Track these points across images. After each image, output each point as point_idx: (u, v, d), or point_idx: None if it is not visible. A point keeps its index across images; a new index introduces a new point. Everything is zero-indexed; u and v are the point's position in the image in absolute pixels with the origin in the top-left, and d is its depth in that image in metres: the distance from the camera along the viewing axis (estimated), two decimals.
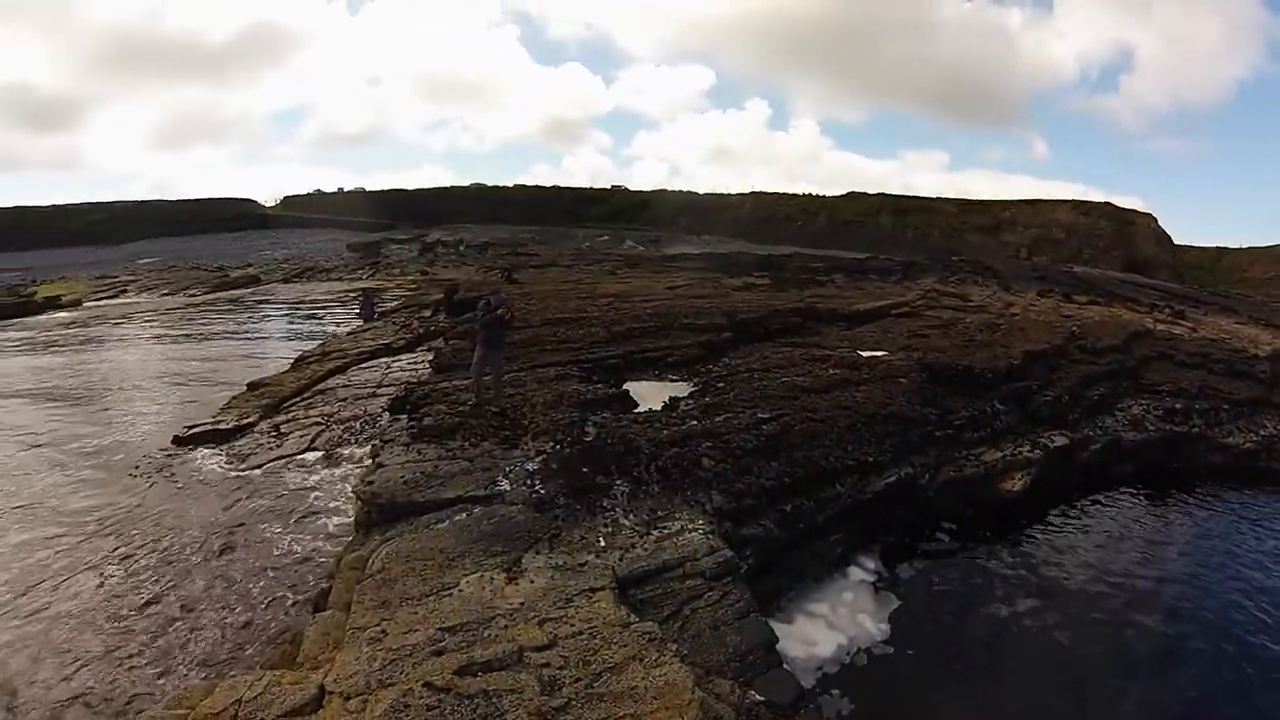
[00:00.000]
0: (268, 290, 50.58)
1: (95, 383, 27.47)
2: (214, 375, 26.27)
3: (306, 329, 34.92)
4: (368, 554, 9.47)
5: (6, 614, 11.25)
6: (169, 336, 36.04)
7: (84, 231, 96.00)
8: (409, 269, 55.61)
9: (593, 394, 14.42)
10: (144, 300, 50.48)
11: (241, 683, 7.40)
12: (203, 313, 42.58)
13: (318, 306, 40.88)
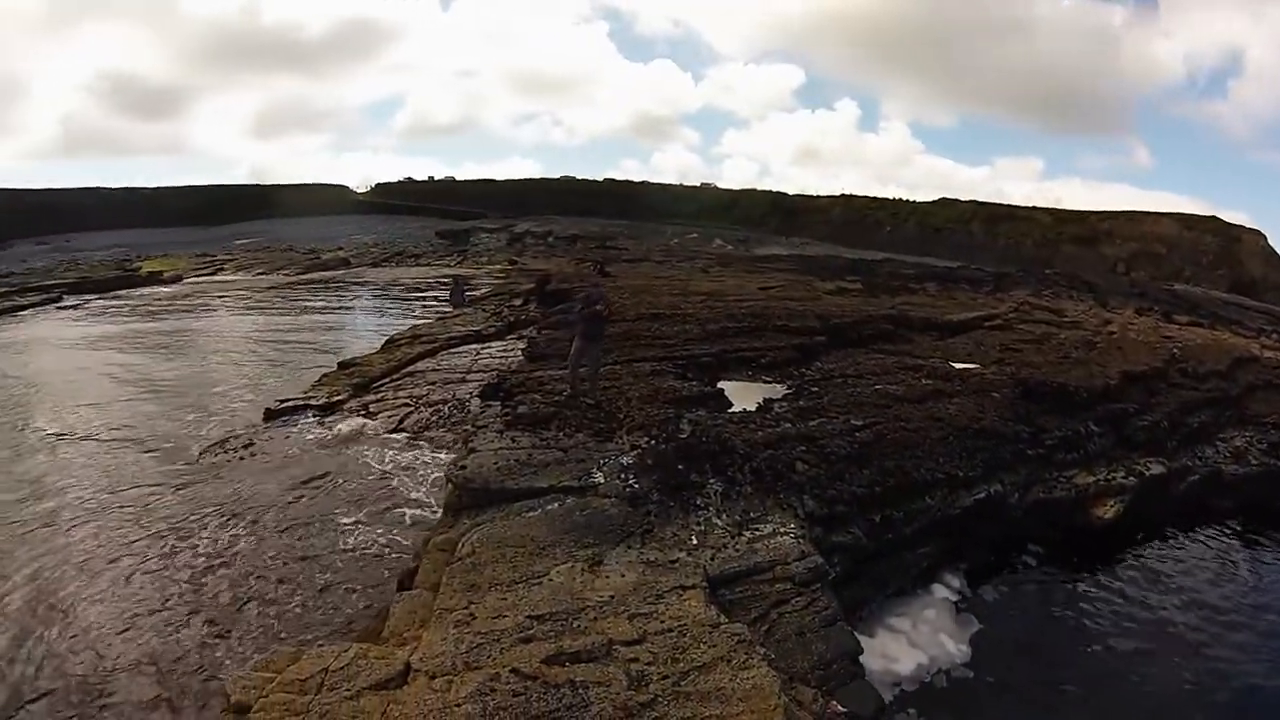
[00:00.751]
0: (357, 273, 51.68)
1: (191, 353, 28.44)
2: (304, 352, 27.05)
3: (395, 312, 35.58)
4: (457, 537, 9.58)
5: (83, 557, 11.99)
6: (262, 313, 37.10)
7: (186, 212, 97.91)
8: (497, 258, 56.12)
9: (688, 391, 14.39)
10: (239, 278, 52.08)
11: (329, 653, 7.56)
12: (295, 292, 43.68)
13: (406, 290, 41.59)
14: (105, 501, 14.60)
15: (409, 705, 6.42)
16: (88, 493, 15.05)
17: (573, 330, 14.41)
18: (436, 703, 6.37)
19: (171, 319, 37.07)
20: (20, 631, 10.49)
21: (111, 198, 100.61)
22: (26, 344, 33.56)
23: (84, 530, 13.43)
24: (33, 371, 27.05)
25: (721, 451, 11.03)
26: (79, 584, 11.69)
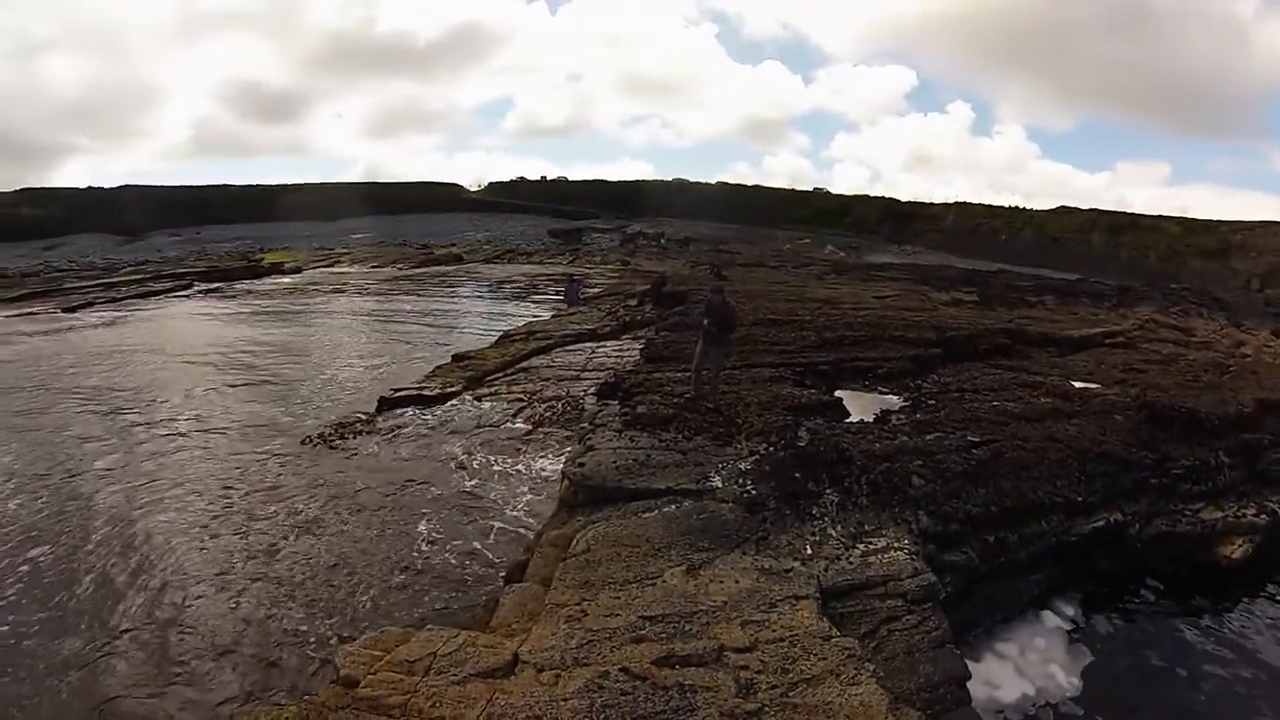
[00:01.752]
0: (470, 269, 52.73)
1: (309, 340, 29.59)
2: (418, 343, 27.78)
3: (508, 307, 36.19)
4: (571, 533, 9.68)
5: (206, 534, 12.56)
6: (376, 304, 38.28)
7: (305, 208, 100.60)
8: (609, 258, 56.51)
9: (806, 399, 14.25)
10: (355, 271, 53.88)
11: (438, 636, 7.70)
12: (408, 285, 44.90)
13: (519, 287, 42.25)
14: (222, 477, 15.33)
15: (515, 695, 6.50)
16: (205, 467, 15.88)
17: (695, 333, 14.50)
18: (543, 695, 6.43)
19: (291, 308, 38.68)
20: (131, 590, 11.23)
21: (238, 194, 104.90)
22: (159, 326, 35.56)
23: (198, 502, 14.18)
24: (162, 351, 28.56)
25: (839, 461, 10.91)
26: (190, 551, 12.36)
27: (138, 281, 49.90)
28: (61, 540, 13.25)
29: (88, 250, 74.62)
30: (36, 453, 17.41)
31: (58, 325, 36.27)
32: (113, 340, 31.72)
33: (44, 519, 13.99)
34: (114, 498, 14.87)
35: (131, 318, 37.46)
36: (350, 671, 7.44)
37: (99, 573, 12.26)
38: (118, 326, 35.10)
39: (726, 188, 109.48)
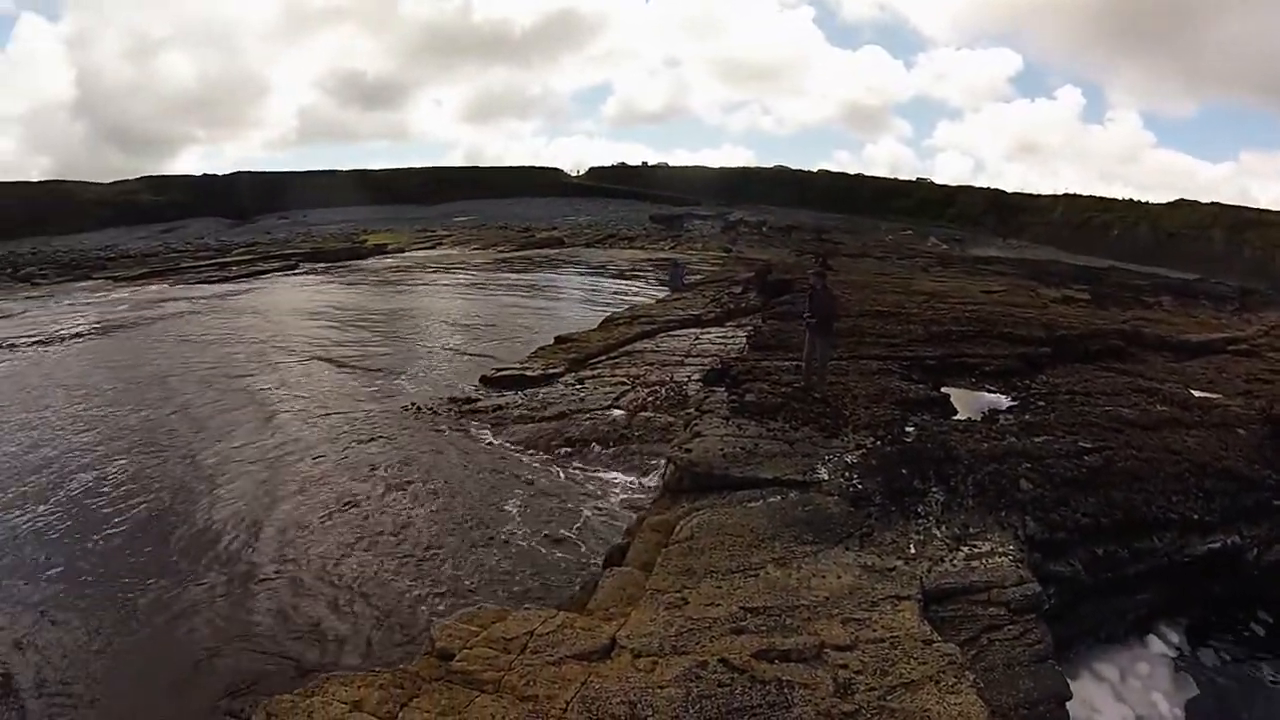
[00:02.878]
0: (571, 252, 53.13)
1: (413, 318, 30.36)
2: (519, 324, 28.15)
3: (609, 291, 36.23)
4: (674, 519, 9.64)
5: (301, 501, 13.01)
6: (478, 285, 38.91)
7: (407, 192, 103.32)
8: (711, 245, 56.09)
9: (914, 394, 13.97)
10: (457, 253, 54.91)
11: (536, 616, 7.77)
12: (510, 267, 45.50)
13: (620, 272, 42.32)
14: (320, 449, 15.86)
15: (610, 679, 6.50)
16: (305, 439, 16.46)
17: (802, 322, 14.34)
18: (639, 681, 6.42)
19: (394, 287, 39.73)
20: (226, 553, 11.73)
21: (342, 179, 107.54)
22: (268, 302, 36.94)
23: (304, 470, 14.75)
24: (268, 327, 29.61)
25: (946, 460, 10.65)
26: (286, 515, 12.88)
27: (248, 262, 52.31)
28: (162, 493, 14.11)
29: (202, 233, 78.71)
30: (156, 416, 18.62)
31: (175, 301, 38.21)
32: (224, 317, 33.17)
33: (155, 475, 14.90)
34: (220, 466, 15.53)
35: (242, 296, 39.08)
36: (446, 645, 7.55)
37: (193, 526, 12.92)
38: (229, 304, 36.69)
39: (828, 176, 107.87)
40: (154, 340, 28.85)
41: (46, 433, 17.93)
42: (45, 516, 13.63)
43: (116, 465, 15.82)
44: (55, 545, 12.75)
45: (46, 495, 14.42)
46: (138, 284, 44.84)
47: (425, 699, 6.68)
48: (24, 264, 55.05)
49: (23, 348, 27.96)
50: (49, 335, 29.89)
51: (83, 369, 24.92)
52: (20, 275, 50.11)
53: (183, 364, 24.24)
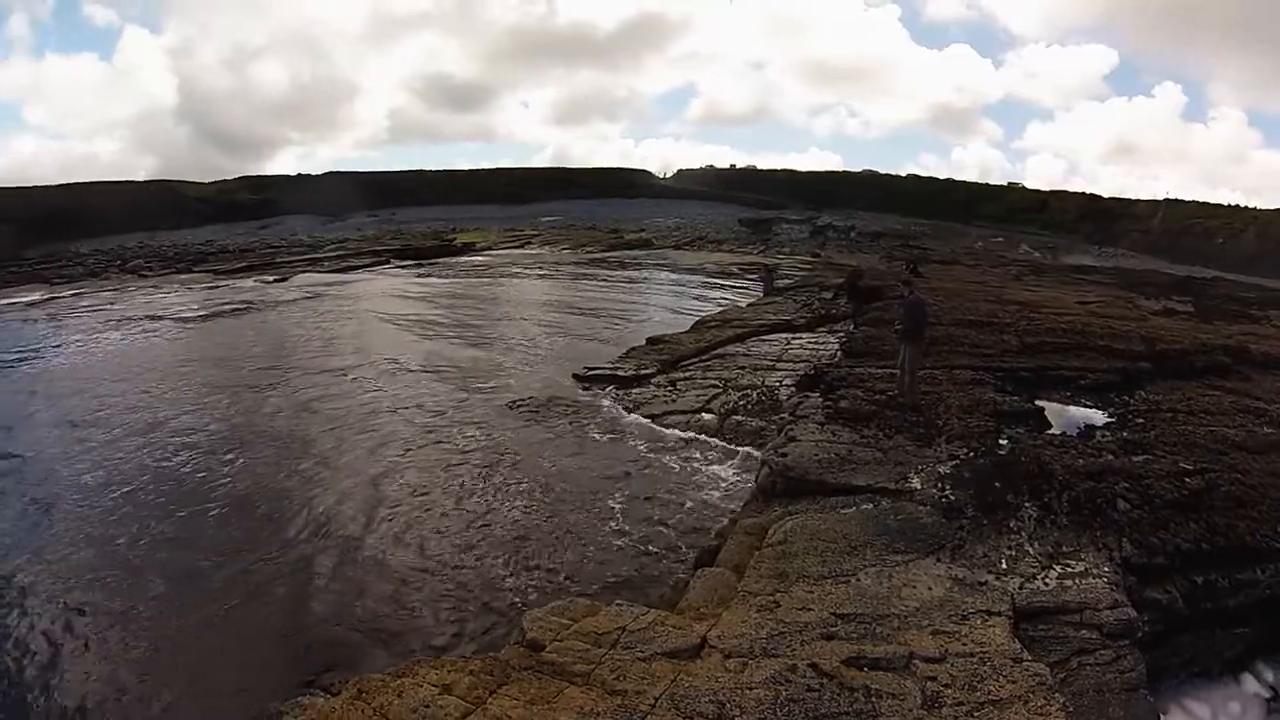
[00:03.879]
0: (660, 254, 53.14)
1: (503, 315, 30.77)
2: (610, 324, 28.29)
3: (699, 294, 36.10)
4: (767, 523, 9.69)
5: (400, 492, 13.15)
6: (567, 284, 39.33)
7: (496, 191, 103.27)
8: (799, 249, 55.39)
9: (1007, 406, 13.68)
10: (546, 252, 55.46)
11: (628, 612, 7.85)
12: (599, 268, 45.76)
13: (709, 275, 42.06)
14: (419, 440, 16.24)
15: (699, 678, 6.54)
16: (405, 429, 16.90)
17: (895, 330, 14.24)
18: (729, 682, 6.44)
19: (485, 284, 40.44)
20: (338, 535, 12.14)
21: (431, 179, 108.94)
22: (360, 295, 38.03)
23: (399, 458, 15.16)
24: (363, 319, 30.64)
25: (1040, 475, 10.39)
26: (385, 501, 13.26)
27: (340, 257, 54.08)
28: (261, 473, 14.88)
29: (296, 229, 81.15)
30: (256, 400, 19.68)
31: (270, 293, 39.70)
32: (319, 309, 34.38)
33: (256, 456, 15.70)
34: (316, 450, 16.16)
35: (336, 289, 40.39)
36: (536, 635, 7.67)
37: (288, 505, 13.49)
38: (323, 297, 37.95)
39: (916, 180, 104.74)
40: (252, 329, 30.25)
41: (152, 413, 19.07)
42: (152, 492, 14.43)
43: (217, 446, 16.61)
44: (159, 516, 13.44)
45: (156, 476, 15.21)
46: (236, 276, 47.14)
47: (514, 687, 6.79)
48: (131, 257, 58.55)
49: (132, 335, 29.82)
50: (155, 324, 31.81)
51: (186, 355, 26.31)
52: (128, 268, 53.26)
53: (279, 352, 25.38)
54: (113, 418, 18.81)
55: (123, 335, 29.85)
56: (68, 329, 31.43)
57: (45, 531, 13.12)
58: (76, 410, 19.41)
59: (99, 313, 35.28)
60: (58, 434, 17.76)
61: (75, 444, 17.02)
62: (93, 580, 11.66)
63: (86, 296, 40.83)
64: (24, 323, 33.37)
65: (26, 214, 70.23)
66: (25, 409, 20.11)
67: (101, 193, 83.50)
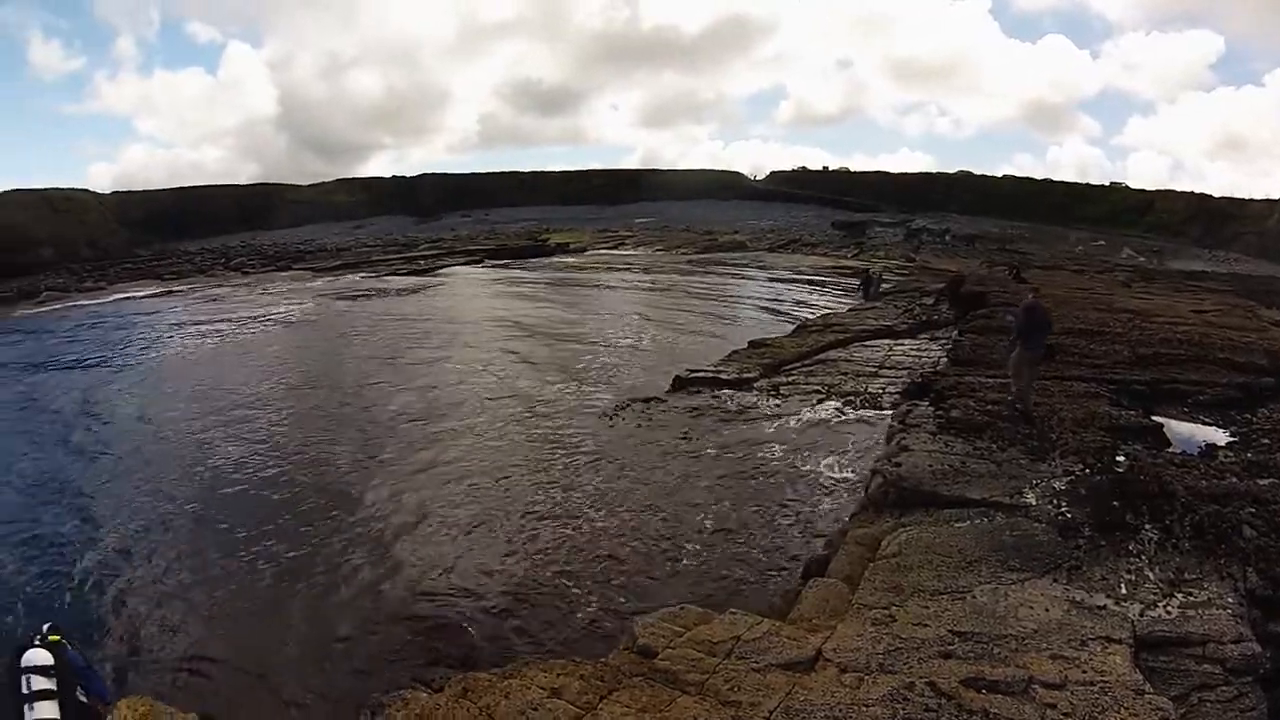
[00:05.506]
0: (755, 257, 52.63)
1: (600, 315, 30.96)
2: (708, 326, 28.14)
3: (794, 297, 35.64)
4: (879, 533, 9.49)
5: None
6: (664, 286, 39.22)
7: (588, 193, 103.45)
8: (894, 253, 54.03)
9: (1124, 420, 13.05)
10: (639, 253, 55.72)
11: (742, 621, 7.73)
12: (694, 270, 45.64)
13: (805, 278, 41.48)
14: (514, 437, 16.50)
15: (815, 692, 6.42)
16: (500, 427, 17.15)
17: (1005, 337, 13.92)
18: (845, 697, 6.30)
19: (578, 284, 40.90)
20: (441, 531, 12.32)
21: (523, 180, 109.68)
22: (454, 293, 39.21)
23: (494, 458, 15.34)
24: (459, 318, 31.33)
25: (1160, 495, 9.87)
26: (483, 500, 13.42)
27: (433, 256, 55.80)
28: (357, 465, 15.38)
29: (390, 229, 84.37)
30: (350, 394, 20.50)
31: (365, 289, 41.47)
32: (413, 305, 35.63)
33: (350, 453, 16.15)
34: (410, 445, 16.63)
35: (430, 288, 41.75)
36: (648, 642, 7.60)
37: (384, 501, 13.81)
38: (417, 294, 39.36)
39: (1011, 181, 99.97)
40: (347, 324, 31.54)
41: (249, 405, 20.13)
42: (246, 481, 15.19)
43: (312, 434, 17.54)
44: (251, 509, 14.03)
45: (256, 460, 16.17)
46: (333, 274, 49.45)
47: (625, 694, 6.75)
48: (235, 255, 62.50)
49: (233, 326, 31.75)
50: (255, 316, 33.89)
51: (284, 346, 27.77)
52: (232, 265, 56.89)
53: (372, 346, 26.35)
54: (220, 401, 20.32)
55: (230, 326, 31.89)
56: (178, 321, 34.05)
57: (164, 510, 14.07)
58: (190, 394, 21.30)
59: (207, 306, 38.01)
60: (177, 414, 19.48)
61: (186, 424, 18.63)
62: (193, 558, 12.36)
63: (195, 291, 44.11)
64: (140, 315, 36.11)
65: (139, 216, 75.33)
66: (149, 392, 22.07)
67: (207, 195, 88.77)
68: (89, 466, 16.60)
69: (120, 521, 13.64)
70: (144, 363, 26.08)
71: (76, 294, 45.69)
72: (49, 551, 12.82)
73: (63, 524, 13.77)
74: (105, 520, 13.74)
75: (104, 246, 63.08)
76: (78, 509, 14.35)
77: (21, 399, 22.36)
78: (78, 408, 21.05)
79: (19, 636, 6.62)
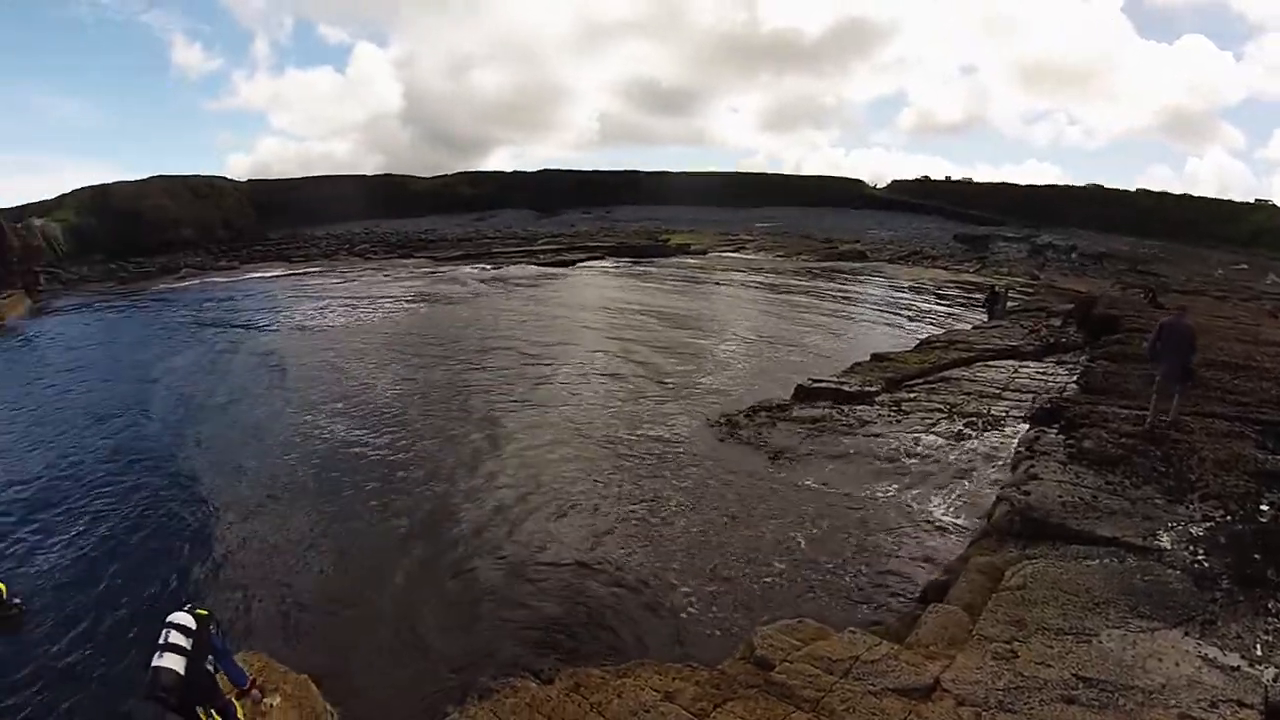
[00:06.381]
0: (875, 267, 51.52)
1: (723, 319, 30.87)
2: (828, 335, 27.89)
3: (916, 311, 34.81)
4: (1003, 564, 9.20)
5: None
6: (786, 292, 38.86)
7: (709, 194, 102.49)
8: (1017, 269, 51.52)
9: (1271, 465, 11.95)
10: (760, 258, 55.22)
11: (860, 641, 7.62)
12: (815, 277, 45.04)
13: (927, 292, 40.34)
14: (628, 438, 16.58)
15: None
16: (614, 426, 17.36)
17: (1143, 366, 13.27)
18: None
19: (700, 285, 41.01)
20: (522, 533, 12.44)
21: (644, 179, 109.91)
22: (575, 287, 40.02)
23: (610, 459, 15.50)
24: (578, 309, 32.21)
25: None
26: (586, 503, 13.51)
27: (554, 251, 56.82)
28: (471, 457, 15.72)
29: (511, 222, 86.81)
30: (467, 380, 21.25)
31: (484, 279, 43.05)
32: (533, 297, 36.67)
33: (466, 442, 16.60)
34: (531, 427, 17.25)
35: (550, 280, 42.83)
36: (765, 653, 7.58)
37: (502, 495, 14.09)
38: (538, 286, 40.47)
39: (1145, 196, 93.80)
40: (468, 311, 32.81)
41: (369, 378, 21.37)
42: (366, 446, 16.18)
43: (433, 407, 18.50)
44: (372, 473, 14.91)
45: (370, 430, 17.16)
46: (454, 263, 51.30)
47: (740, 704, 6.73)
48: (359, 241, 66.15)
49: (359, 306, 33.94)
50: (379, 298, 36.14)
51: (406, 327, 29.18)
52: (356, 250, 60.34)
53: (492, 334, 27.20)
54: (344, 374, 21.88)
55: (355, 306, 33.95)
56: (305, 299, 36.57)
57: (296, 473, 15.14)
58: (315, 365, 23.12)
59: (333, 287, 40.54)
60: (302, 382, 21.26)
61: (311, 392, 20.22)
62: (312, 518, 13.18)
63: (321, 274, 47.11)
64: (270, 292, 39.30)
65: (270, 202, 79.78)
66: (276, 361, 24.00)
67: (334, 185, 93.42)
68: (207, 428, 18.22)
69: (245, 484, 14.77)
70: (272, 335, 28.37)
71: (212, 271, 50.11)
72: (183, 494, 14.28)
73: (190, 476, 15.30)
74: (228, 482, 14.91)
75: (238, 229, 68.17)
76: (205, 466, 15.81)
77: (155, 360, 24.84)
78: (206, 370, 23.43)
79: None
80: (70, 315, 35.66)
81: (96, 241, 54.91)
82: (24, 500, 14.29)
